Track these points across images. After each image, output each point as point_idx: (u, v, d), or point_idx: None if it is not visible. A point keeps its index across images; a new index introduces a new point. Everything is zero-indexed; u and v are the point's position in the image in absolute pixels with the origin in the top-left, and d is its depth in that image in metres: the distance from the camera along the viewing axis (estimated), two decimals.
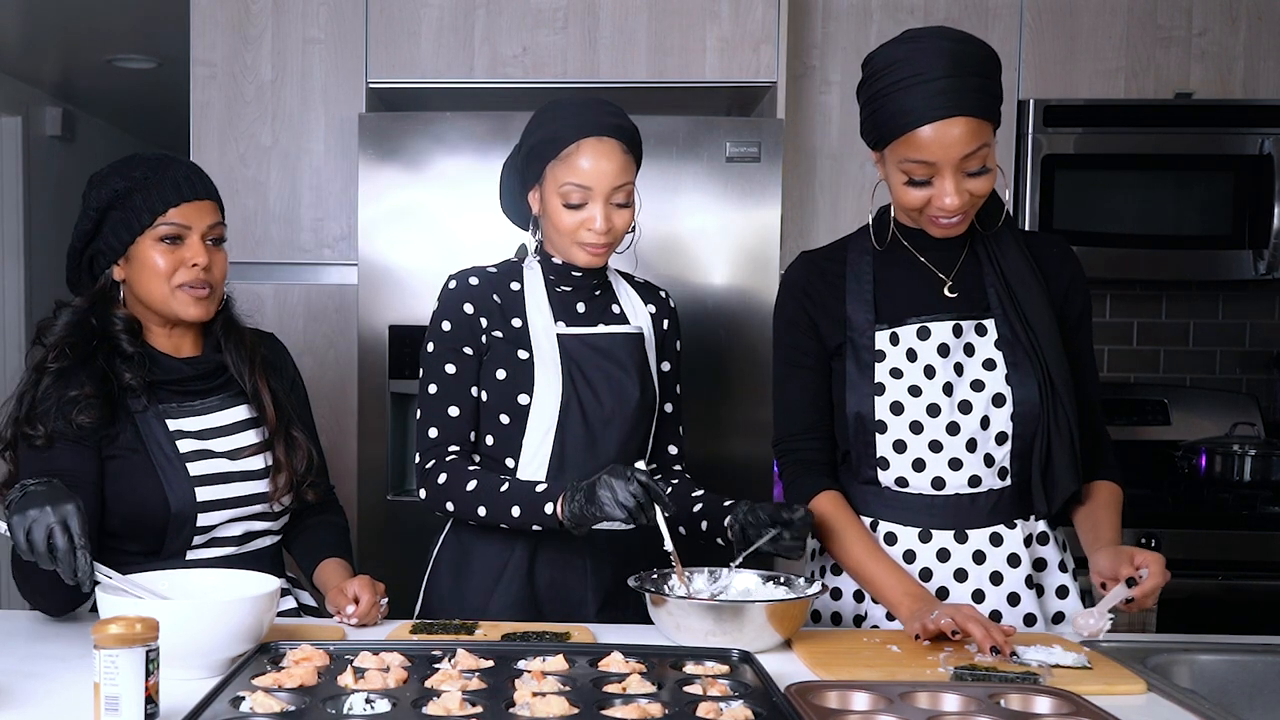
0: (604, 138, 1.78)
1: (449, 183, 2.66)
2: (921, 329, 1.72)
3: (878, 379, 1.72)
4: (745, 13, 2.76)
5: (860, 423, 1.73)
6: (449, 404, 1.83)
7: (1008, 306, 1.71)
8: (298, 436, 1.83)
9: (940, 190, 1.61)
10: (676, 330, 1.97)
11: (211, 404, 1.79)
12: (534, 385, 1.82)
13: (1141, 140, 2.99)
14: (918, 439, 1.71)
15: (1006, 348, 1.71)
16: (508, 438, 1.84)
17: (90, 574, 1.46)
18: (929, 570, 1.73)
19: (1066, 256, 1.80)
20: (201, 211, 1.74)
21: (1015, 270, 1.73)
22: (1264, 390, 3.39)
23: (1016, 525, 1.74)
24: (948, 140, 1.57)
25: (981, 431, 1.70)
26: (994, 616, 1.72)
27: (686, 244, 2.66)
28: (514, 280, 1.89)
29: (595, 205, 1.78)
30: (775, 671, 1.41)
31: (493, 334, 1.84)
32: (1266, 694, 1.60)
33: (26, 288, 4.78)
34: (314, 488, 1.84)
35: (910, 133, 1.59)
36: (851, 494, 1.79)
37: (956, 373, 1.71)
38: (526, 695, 1.27)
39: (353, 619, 1.69)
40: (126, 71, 4.55)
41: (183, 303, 1.74)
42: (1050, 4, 2.99)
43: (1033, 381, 1.69)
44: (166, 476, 1.70)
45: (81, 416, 1.67)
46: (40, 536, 1.44)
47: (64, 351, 1.70)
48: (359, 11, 2.81)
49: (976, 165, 1.61)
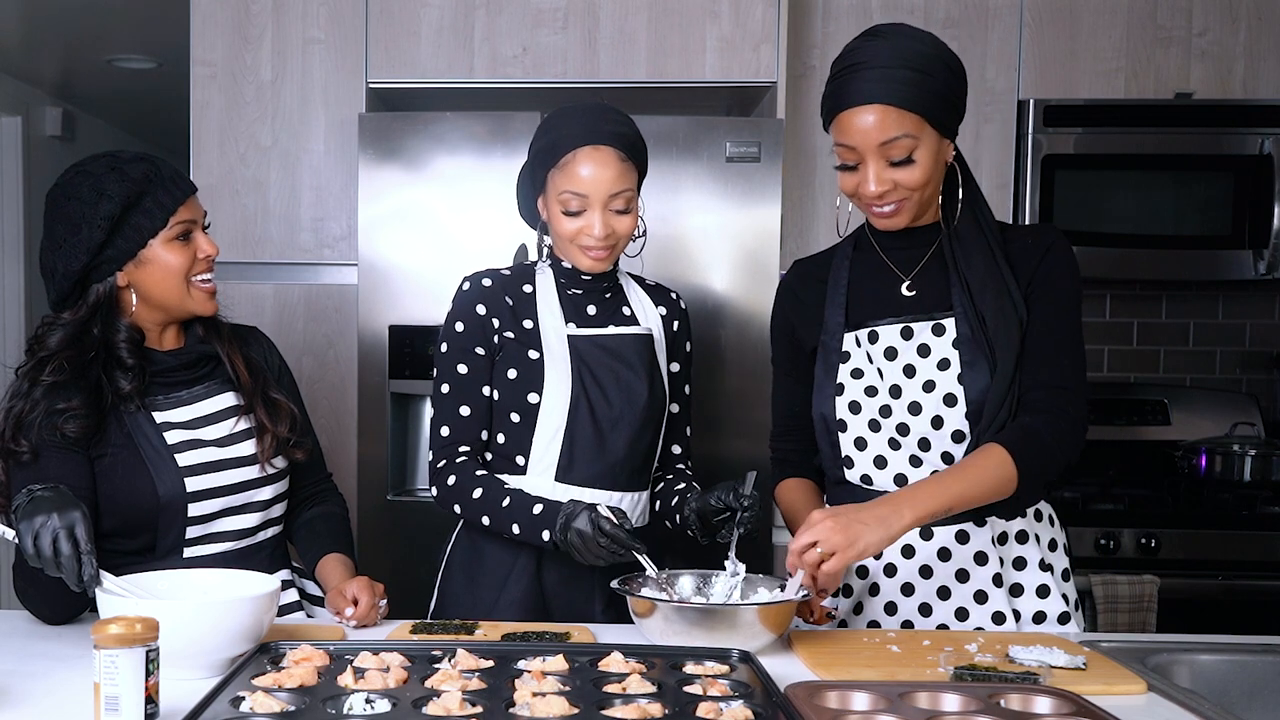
0: (600, 146, 1.79)
1: (449, 183, 2.66)
2: (871, 333, 1.75)
3: (839, 380, 1.76)
4: (745, 13, 2.76)
5: (824, 422, 1.78)
6: (460, 404, 1.86)
7: (968, 306, 1.72)
8: (278, 398, 1.84)
9: (863, 175, 1.66)
10: (687, 332, 1.99)
11: (197, 393, 1.80)
12: (544, 384, 1.84)
13: (1141, 140, 2.99)
14: (877, 437, 1.74)
15: (963, 346, 1.71)
16: (518, 436, 1.85)
17: (96, 580, 1.46)
18: (893, 566, 1.75)
19: (1040, 241, 1.74)
20: (196, 203, 1.78)
21: (976, 269, 1.72)
22: (1264, 390, 3.39)
23: (986, 523, 1.73)
24: (864, 125, 1.63)
25: (934, 431, 1.71)
26: (960, 614, 1.73)
27: (686, 244, 2.66)
28: (527, 282, 1.91)
29: (593, 213, 1.80)
30: (775, 671, 1.41)
31: (504, 334, 1.86)
32: (1266, 694, 1.60)
33: (26, 288, 4.79)
34: (300, 446, 1.85)
35: (836, 116, 1.66)
36: (830, 493, 1.84)
37: (906, 375, 1.73)
38: (526, 695, 1.27)
39: (351, 621, 1.69)
40: (126, 71, 4.55)
41: (199, 300, 1.77)
42: (1050, 4, 2.99)
43: (986, 379, 1.69)
44: (155, 468, 1.70)
45: (69, 427, 1.67)
46: (46, 542, 1.45)
47: (62, 365, 1.69)
48: (359, 11, 2.81)
49: (900, 154, 1.64)
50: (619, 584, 1.66)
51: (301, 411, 1.90)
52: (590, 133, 1.80)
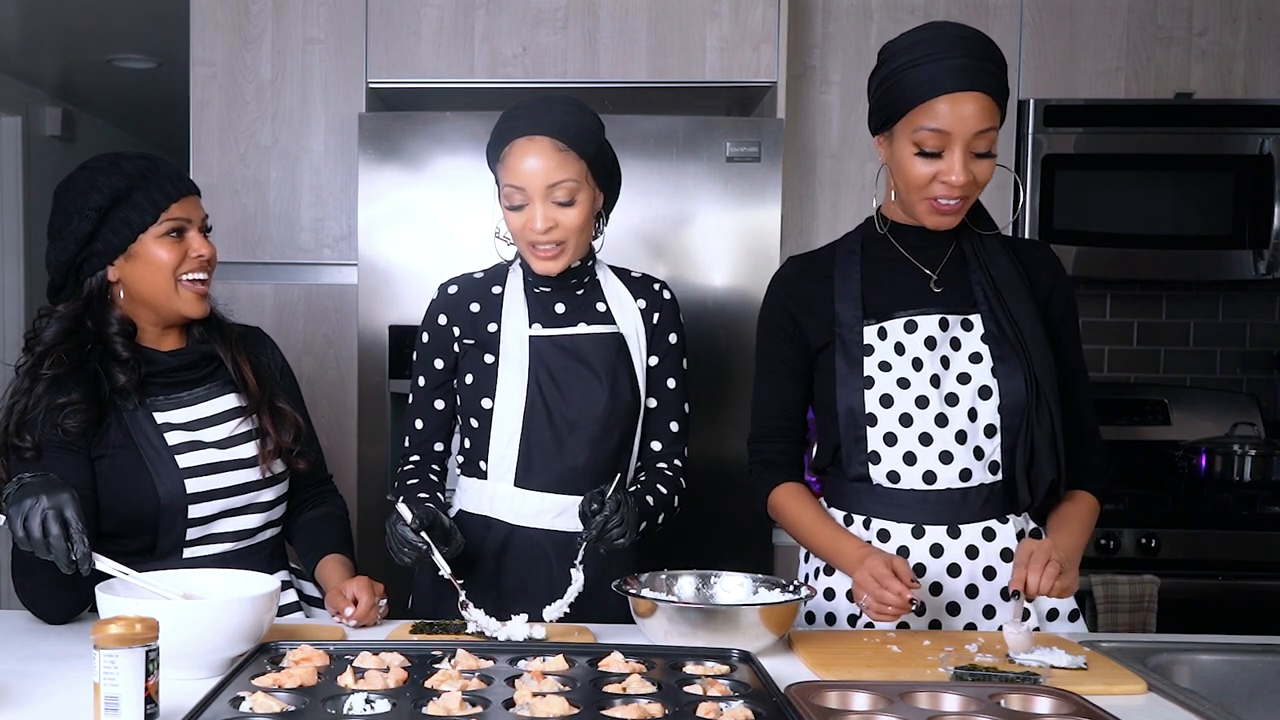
0: (535, 136, 1.77)
1: (449, 183, 2.66)
2: (909, 322, 1.74)
3: (866, 373, 1.74)
4: (745, 13, 2.76)
5: (851, 417, 1.74)
6: (415, 415, 1.93)
7: (994, 302, 1.74)
8: (283, 407, 1.84)
9: (949, 164, 1.66)
10: (670, 324, 1.93)
11: (199, 394, 1.80)
12: (496, 389, 1.84)
13: (1141, 140, 2.99)
14: (908, 432, 1.73)
15: (992, 342, 1.73)
16: (478, 441, 1.86)
17: (88, 560, 1.47)
18: (922, 566, 1.74)
19: (1049, 258, 1.84)
20: (195, 204, 1.78)
21: (1000, 267, 1.76)
22: (1264, 390, 3.39)
23: (1009, 520, 1.75)
24: (964, 113, 1.63)
25: (970, 424, 1.72)
26: (987, 612, 1.74)
27: (686, 244, 2.66)
28: (497, 284, 1.91)
29: (533, 205, 1.78)
30: (775, 671, 1.41)
31: (465, 341, 1.88)
32: (1266, 694, 1.60)
33: (26, 288, 4.79)
34: (303, 456, 1.85)
35: (929, 101, 1.64)
36: (843, 493, 1.80)
37: (943, 365, 1.73)
38: (526, 695, 1.27)
39: (351, 620, 1.69)
40: (126, 71, 4.55)
41: (186, 300, 1.75)
42: (1050, 4, 2.99)
43: (1019, 375, 1.71)
44: (156, 469, 1.70)
45: (69, 421, 1.67)
46: (36, 524, 1.46)
47: (60, 358, 1.70)
48: (359, 11, 2.81)
49: (985, 146, 1.66)
50: (619, 585, 1.66)
51: (306, 421, 1.90)
52: (525, 124, 1.78)
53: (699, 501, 2.07)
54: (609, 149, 1.87)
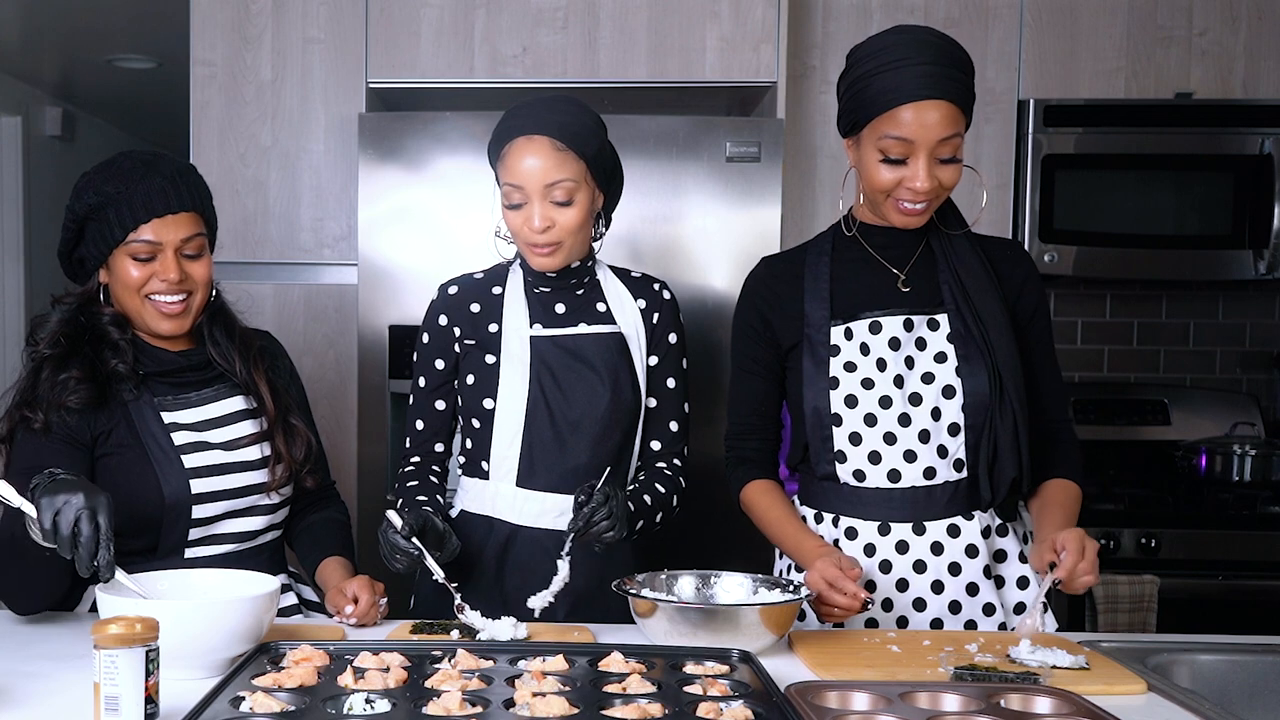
0: (533, 136, 1.77)
1: (449, 183, 2.66)
2: (874, 323, 1.76)
3: (832, 373, 1.76)
4: (745, 13, 2.76)
5: (817, 417, 1.76)
6: (416, 416, 1.93)
7: (960, 301, 1.75)
8: (296, 425, 1.84)
9: (914, 171, 1.67)
10: (670, 323, 1.93)
11: (207, 395, 1.80)
12: (498, 389, 1.83)
13: (1141, 140, 2.99)
14: (872, 431, 1.74)
15: (958, 341, 1.74)
16: (480, 441, 1.86)
17: (110, 570, 1.45)
18: (888, 562, 1.75)
19: (1020, 257, 1.86)
20: (178, 225, 1.72)
21: (968, 266, 1.77)
22: (1264, 390, 3.39)
23: (974, 517, 1.76)
24: (928, 120, 1.64)
25: (933, 423, 1.73)
26: (953, 607, 1.75)
27: (686, 244, 2.66)
28: (498, 284, 1.91)
29: (531, 204, 1.78)
30: (775, 671, 1.41)
31: (465, 342, 1.88)
32: (1266, 694, 1.60)
33: (26, 288, 4.79)
34: (312, 474, 1.86)
35: (893, 109, 1.65)
36: (812, 491, 1.83)
37: (907, 365, 1.75)
38: (526, 695, 1.27)
39: (351, 619, 1.69)
40: (126, 71, 4.55)
41: (153, 316, 1.74)
42: (1050, 4, 2.99)
43: (983, 373, 1.72)
44: (161, 468, 1.70)
45: (72, 398, 1.68)
46: (68, 520, 1.44)
47: (59, 340, 1.72)
48: (359, 11, 2.81)
49: (949, 152, 1.67)
50: (619, 585, 1.66)
51: (316, 437, 1.90)
52: (524, 123, 1.79)
53: (699, 501, 2.07)
54: (610, 150, 1.87)
